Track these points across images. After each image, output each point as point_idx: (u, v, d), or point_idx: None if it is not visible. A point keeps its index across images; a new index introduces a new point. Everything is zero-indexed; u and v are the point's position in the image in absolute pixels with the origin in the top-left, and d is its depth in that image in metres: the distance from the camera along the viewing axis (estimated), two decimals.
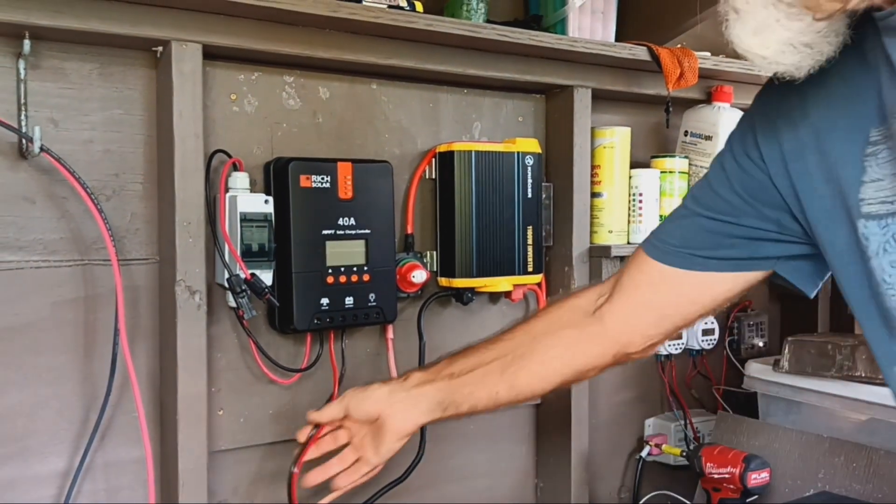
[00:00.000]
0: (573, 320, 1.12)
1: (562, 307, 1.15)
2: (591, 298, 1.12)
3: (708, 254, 1.00)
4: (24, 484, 1.15)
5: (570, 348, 1.11)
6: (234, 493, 1.31)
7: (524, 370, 1.11)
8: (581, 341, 1.11)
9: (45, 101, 1.15)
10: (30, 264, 1.15)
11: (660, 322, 1.08)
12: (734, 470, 1.42)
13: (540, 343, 1.11)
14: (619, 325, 1.09)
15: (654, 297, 1.06)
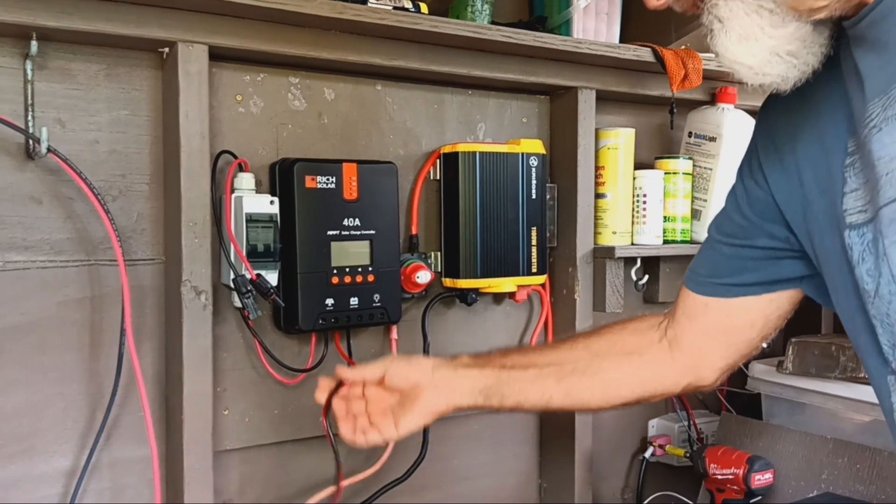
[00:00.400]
0: (640, 347, 1.10)
1: (623, 329, 1.13)
2: (653, 324, 1.12)
3: (734, 280, 1.01)
4: (29, 483, 1.16)
5: (639, 374, 1.10)
6: (240, 493, 1.32)
7: (585, 385, 1.10)
8: (652, 369, 1.10)
9: (51, 102, 1.15)
10: (36, 264, 1.16)
11: (727, 351, 1.07)
12: (738, 471, 1.42)
13: (604, 362, 1.10)
14: (689, 357, 1.08)
15: (711, 328, 1.05)
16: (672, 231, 1.67)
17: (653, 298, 1.74)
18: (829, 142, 0.85)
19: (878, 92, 0.76)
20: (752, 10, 0.75)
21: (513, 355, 1.15)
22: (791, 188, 0.91)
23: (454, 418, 1.51)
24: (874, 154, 0.76)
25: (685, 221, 1.68)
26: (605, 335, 1.14)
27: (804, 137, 0.88)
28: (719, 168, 1.68)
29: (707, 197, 1.69)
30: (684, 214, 1.68)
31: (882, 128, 0.75)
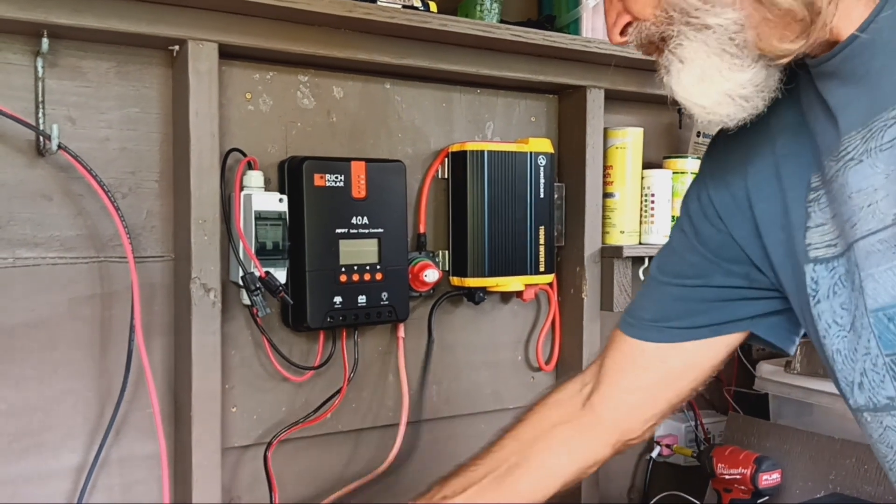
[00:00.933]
0: (563, 416, 1.04)
1: (545, 406, 1.07)
2: (574, 390, 1.06)
3: (683, 323, 0.97)
4: (39, 478, 1.16)
5: (567, 446, 1.03)
6: (248, 490, 1.32)
7: (523, 480, 1.02)
8: (577, 437, 1.03)
9: (62, 99, 1.15)
10: (46, 261, 1.16)
11: (655, 403, 1.02)
12: (745, 471, 1.42)
13: (533, 448, 1.03)
14: (614, 413, 1.02)
15: (642, 377, 1.00)
16: None
17: None
18: (786, 177, 0.85)
19: (855, 124, 0.76)
20: (715, 53, 0.76)
21: (451, 483, 1.04)
22: (745, 223, 0.90)
23: (460, 417, 1.52)
24: (850, 187, 0.76)
25: None
26: (530, 419, 1.06)
27: (756, 172, 0.88)
28: None
29: None
30: None
31: (863, 160, 0.75)
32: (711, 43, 0.75)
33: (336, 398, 1.35)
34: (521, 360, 1.59)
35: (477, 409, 1.55)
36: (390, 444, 1.42)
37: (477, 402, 1.54)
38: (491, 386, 1.55)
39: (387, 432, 1.43)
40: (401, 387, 1.43)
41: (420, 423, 1.46)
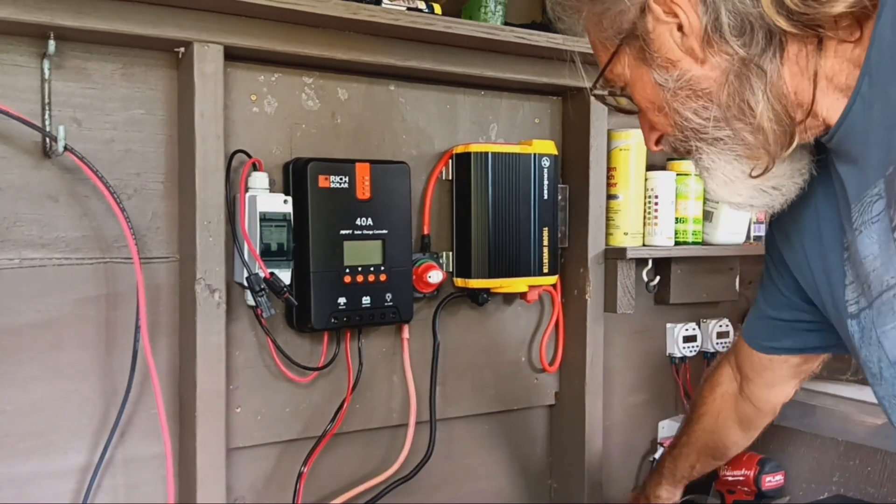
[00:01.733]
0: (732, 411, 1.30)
1: (715, 400, 1.31)
2: (731, 384, 1.28)
3: (783, 344, 1.13)
4: (45, 478, 1.17)
5: (744, 425, 1.30)
6: (252, 491, 1.32)
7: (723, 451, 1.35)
8: (749, 419, 1.29)
9: (68, 101, 1.16)
10: (52, 262, 1.17)
11: (792, 381, 1.22)
12: (748, 472, 1.42)
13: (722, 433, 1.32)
14: (768, 401, 1.25)
15: (772, 375, 1.20)
16: (684, 232, 1.67)
17: (664, 300, 1.74)
18: (826, 239, 0.92)
19: (855, 198, 0.83)
20: (734, 159, 0.83)
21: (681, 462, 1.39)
22: (806, 279, 0.99)
23: (465, 418, 1.52)
24: (860, 253, 0.83)
25: (697, 223, 1.68)
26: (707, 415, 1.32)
27: (808, 234, 0.96)
28: None
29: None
30: (696, 216, 1.68)
31: (862, 230, 0.82)
32: (726, 151, 0.83)
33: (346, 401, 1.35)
34: (524, 361, 1.59)
35: (481, 411, 1.55)
36: (398, 444, 1.42)
37: (481, 403, 1.54)
38: (495, 387, 1.56)
39: (395, 433, 1.44)
40: (407, 388, 1.43)
41: (426, 424, 1.46)
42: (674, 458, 1.38)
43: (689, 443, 1.35)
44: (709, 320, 1.80)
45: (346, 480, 1.40)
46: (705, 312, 1.83)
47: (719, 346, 1.78)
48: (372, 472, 1.41)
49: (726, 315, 1.83)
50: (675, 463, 1.38)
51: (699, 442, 1.34)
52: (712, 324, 1.79)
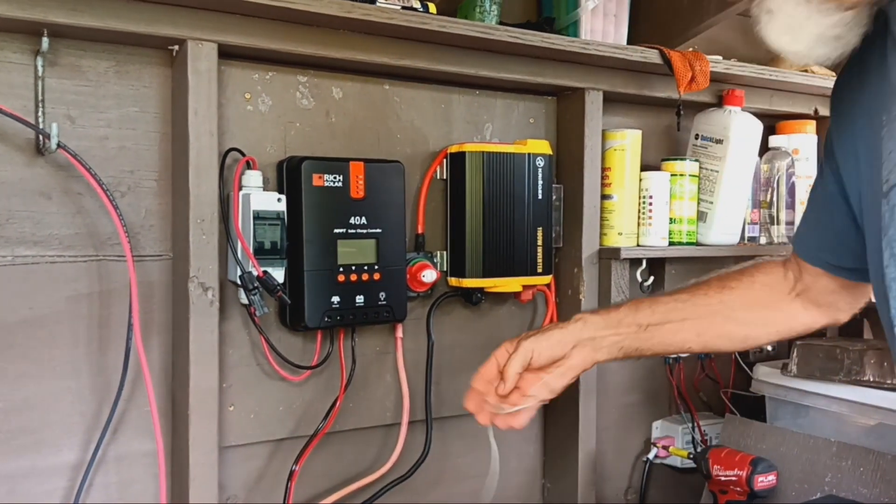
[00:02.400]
0: (773, 301, 1.17)
1: (754, 284, 1.18)
2: (778, 278, 1.17)
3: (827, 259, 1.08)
4: (37, 475, 1.17)
5: (776, 325, 1.18)
6: (244, 490, 1.32)
7: (724, 336, 1.19)
8: (788, 321, 1.17)
9: (61, 98, 1.16)
10: (45, 259, 1.17)
11: (856, 297, 1.13)
12: (741, 472, 1.42)
13: (740, 315, 1.17)
14: (824, 308, 1.15)
15: (831, 283, 1.11)
16: (678, 233, 1.67)
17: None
18: (873, 114, 0.88)
19: None
20: (801, 2, 0.80)
21: (645, 311, 1.17)
22: (848, 161, 0.95)
23: (458, 418, 1.52)
24: None
25: (691, 223, 1.68)
26: (737, 289, 1.18)
27: (857, 111, 0.92)
28: (725, 170, 1.68)
29: (713, 199, 1.69)
30: (690, 216, 1.68)
31: None
32: None
33: (338, 400, 1.35)
34: None
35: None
36: (391, 443, 1.42)
37: None
38: None
39: (388, 432, 1.44)
40: (400, 387, 1.43)
41: (418, 423, 1.46)
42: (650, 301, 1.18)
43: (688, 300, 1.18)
44: None
45: (339, 479, 1.40)
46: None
47: None
48: (365, 471, 1.41)
49: None
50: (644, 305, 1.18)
51: (706, 308, 1.17)
52: None
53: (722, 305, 1.17)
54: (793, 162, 1.83)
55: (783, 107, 1.84)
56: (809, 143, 1.89)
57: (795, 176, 1.84)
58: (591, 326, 1.17)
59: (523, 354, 1.15)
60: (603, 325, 1.17)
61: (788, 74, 1.74)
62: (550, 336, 1.16)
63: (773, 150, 1.85)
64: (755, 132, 1.71)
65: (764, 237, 1.81)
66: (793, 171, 1.83)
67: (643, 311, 1.17)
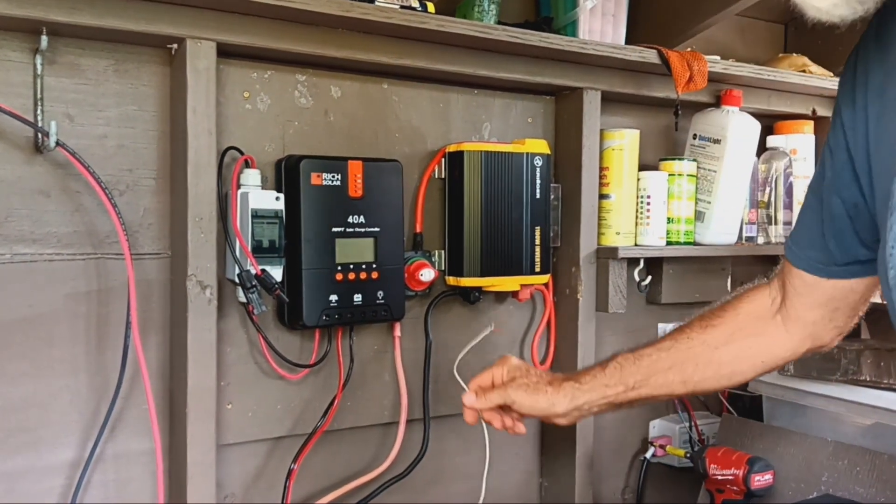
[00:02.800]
0: (756, 329, 1.14)
1: (737, 315, 1.16)
2: (764, 304, 1.14)
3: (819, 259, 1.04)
4: (35, 473, 1.17)
5: (761, 355, 1.15)
6: (242, 488, 1.33)
7: (708, 378, 1.16)
8: (771, 348, 1.14)
9: (60, 97, 1.16)
10: (44, 257, 1.17)
11: (843, 316, 1.10)
12: (738, 471, 1.43)
13: (723, 353, 1.14)
14: (806, 329, 1.11)
15: (816, 297, 1.08)
16: (676, 232, 1.67)
17: (656, 299, 1.75)
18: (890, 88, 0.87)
19: None
20: None
21: (630, 368, 1.16)
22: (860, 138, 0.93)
23: (456, 417, 1.52)
24: None
25: (689, 223, 1.68)
26: (720, 326, 1.16)
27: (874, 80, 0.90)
28: (723, 170, 1.68)
29: (711, 199, 1.70)
30: (688, 216, 1.68)
31: None
32: None
33: (336, 398, 1.36)
34: None
35: None
36: (389, 442, 1.43)
37: None
38: None
39: (386, 431, 1.45)
40: (398, 385, 1.43)
41: (417, 422, 1.46)
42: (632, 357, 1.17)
43: (671, 347, 1.16)
44: None
45: (337, 477, 1.41)
46: (697, 312, 1.83)
47: None
48: (362, 470, 1.42)
49: None
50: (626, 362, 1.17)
51: (689, 352, 1.15)
52: None
53: (704, 346, 1.15)
54: (790, 162, 1.83)
55: (781, 107, 1.84)
56: (807, 144, 1.89)
57: (793, 176, 1.85)
58: (581, 395, 1.16)
59: (503, 398, 1.18)
60: (590, 390, 1.17)
61: (786, 74, 1.74)
62: (538, 399, 1.17)
63: (770, 150, 1.85)
64: (753, 132, 1.71)
65: (762, 237, 1.81)
66: (790, 172, 1.84)
67: (628, 369, 1.16)
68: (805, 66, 1.83)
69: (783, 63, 1.84)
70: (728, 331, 1.15)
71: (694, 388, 1.17)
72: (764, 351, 1.14)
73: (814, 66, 1.84)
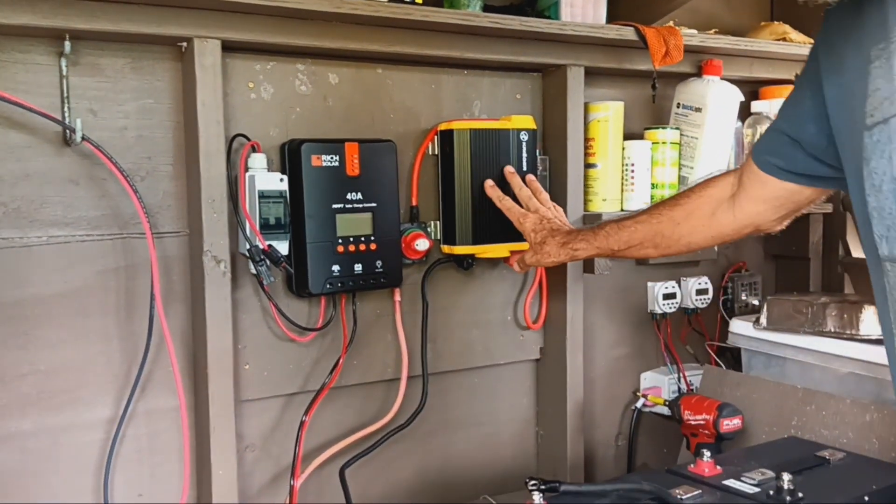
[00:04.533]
0: (710, 210, 1.34)
1: (700, 198, 1.35)
2: (724, 190, 1.32)
3: (771, 159, 1.19)
4: (77, 429, 1.33)
5: (710, 231, 1.35)
6: (261, 438, 1.48)
7: (673, 247, 1.40)
8: (719, 227, 1.34)
9: (84, 94, 1.29)
10: (76, 238, 1.31)
11: (781, 208, 1.26)
12: (708, 417, 1.54)
13: (683, 227, 1.37)
14: (749, 217, 1.29)
15: (768, 195, 1.23)
16: (660, 197, 1.78)
17: (644, 260, 1.86)
18: (864, 47, 0.94)
19: None
20: None
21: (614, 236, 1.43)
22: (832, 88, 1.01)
23: (453, 372, 1.66)
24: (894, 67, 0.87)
25: (672, 188, 1.79)
26: (685, 205, 1.37)
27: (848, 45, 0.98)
28: (704, 137, 1.78)
29: (693, 164, 1.80)
30: (672, 181, 1.79)
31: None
32: None
33: (341, 358, 1.50)
34: (510, 319, 1.73)
35: (470, 365, 1.69)
36: (392, 396, 1.57)
37: (470, 359, 1.68)
38: (482, 343, 1.69)
39: (389, 386, 1.59)
40: (399, 345, 1.57)
41: (419, 378, 1.60)
42: (617, 227, 1.43)
43: (646, 221, 1.40)
44: (688, 278, 1.92)
45: (345, 429, 1.55)
46: (685, 272, 1.95)
47: (698, 302, 1.90)
48: (369, 421, 1.56)
49: (706, 273, 1.94)
50: (613, 231, 1.43)
51: (658, 226, 1.38)
52: (692, 281, 1.90)
53: (670, 222, 1.37)
54: None
55: (763, 74, 1.92)
56: None
57: None
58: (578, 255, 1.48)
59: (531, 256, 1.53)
60: (584, 251, 1.47)
61: (764, 44, 1.83)
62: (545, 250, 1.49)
63: (754, 115, 1.94)
64: (732, 100, 1.80)
65: None
66: None
67: (613, 238, 1.43)
68: (785, 34, 1.90)
69: (764, 31, 1.92)
70: (688, 210, 1.36)
71: (663, 253, 1.42)
72: (713, 228, 1.34)
73: (794, 33, 1.92)
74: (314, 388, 1.49)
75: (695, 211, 1.35)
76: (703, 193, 1.35)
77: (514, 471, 1.78)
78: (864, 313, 1.58)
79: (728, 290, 2.03)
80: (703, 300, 1.91)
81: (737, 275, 2.05)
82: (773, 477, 1.19)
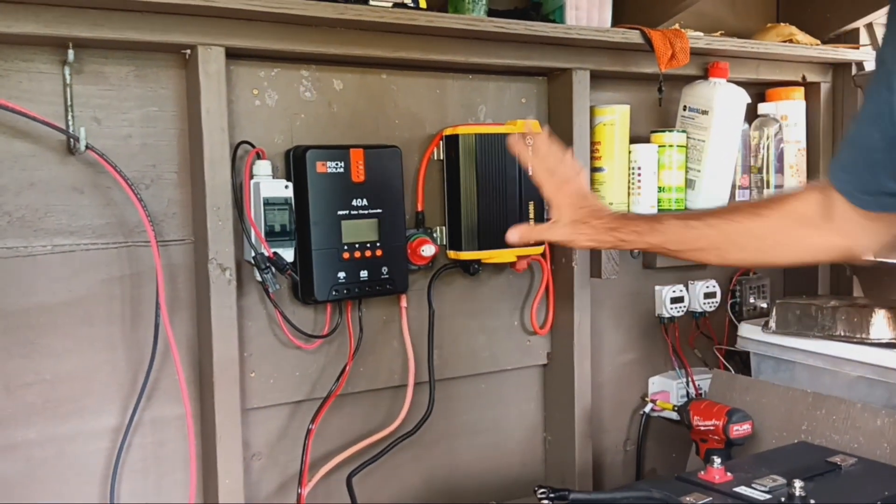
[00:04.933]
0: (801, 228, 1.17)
1: (787, 212, 1.19)
2: (813, 207, 1.16)
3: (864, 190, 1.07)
4: (83, 437, 1.32)
5: (799, 252, 1.21)
6: (266, 446, 1.47)
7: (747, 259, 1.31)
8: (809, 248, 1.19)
9: (88, 102, 1.29)
10: (81, 247, 1.31)
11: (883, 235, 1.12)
12: (718, 422, 1.53)
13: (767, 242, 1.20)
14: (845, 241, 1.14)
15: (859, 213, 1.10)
16: (667, 200, 1.77)
17: (651, 264, 1.86)
18: None
19: None
20: None
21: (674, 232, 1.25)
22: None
23: (460, 379, 1.65)
24: None
25: (679, 191, 1.78)
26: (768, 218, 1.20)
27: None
28: (711, 139, 1.77)
29: (700, 167, 1.79)
30: (678, 185, 1.78)
31: None
32: None
33: (348, 365, 1.49)
34: (517, 325, 1.72)
35: (477, 371, 1.68)
36: (399, 403, 1.56)
37: (476, 364, 1.68)
38: (489, 349, 1.69)
39: (396, 393, 1.58)
40: (406, 352, 1.56)
41: (425, 384, 1.59)
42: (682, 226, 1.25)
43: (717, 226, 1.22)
44: (696, 282, 1.90)
45: (352, 436, 1.54)
46: (693, 275, 1.93)
47: (707, 305, 1.89)
48: (375, 429, 1.55)
49: (713, 277, 1.93)
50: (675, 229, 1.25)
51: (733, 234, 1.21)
52: (699, 285, 1.89)
53: (749, 234, 1.21)
54: (781, 128, 1.91)
55: (771, 75, 1.91)
56: (798, 110, 1.97)
57: (784, 142, 1.93)
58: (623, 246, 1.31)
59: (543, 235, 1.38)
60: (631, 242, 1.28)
61: (771, 46, 1.82)
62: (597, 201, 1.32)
63: (761, 117, 1.93)
64: (739, 102, 1.79)
65: None
66: (781, 137, 1.92)
67: (672, 237, 1.25)
68: (792, 36, 1.89)
69: (770, 33, 1.91)
70: (774, 224, 1.19)
71: (724, 262, 1.31)
72: (802, 249, 1.20)
73: (801, 34, 1.91)
74: (320, 396, 1.48)
75: (783, 228, 1.19)
76: (789, 209, 1.19)
77: (522, 477, 1.77)
78: (874, 317, 1.57)
79: (736, 293, 2.02)
80: (712, 304, 1.90)
81: (745, 278, 2.03)
82: (784, 483, 1.18)
